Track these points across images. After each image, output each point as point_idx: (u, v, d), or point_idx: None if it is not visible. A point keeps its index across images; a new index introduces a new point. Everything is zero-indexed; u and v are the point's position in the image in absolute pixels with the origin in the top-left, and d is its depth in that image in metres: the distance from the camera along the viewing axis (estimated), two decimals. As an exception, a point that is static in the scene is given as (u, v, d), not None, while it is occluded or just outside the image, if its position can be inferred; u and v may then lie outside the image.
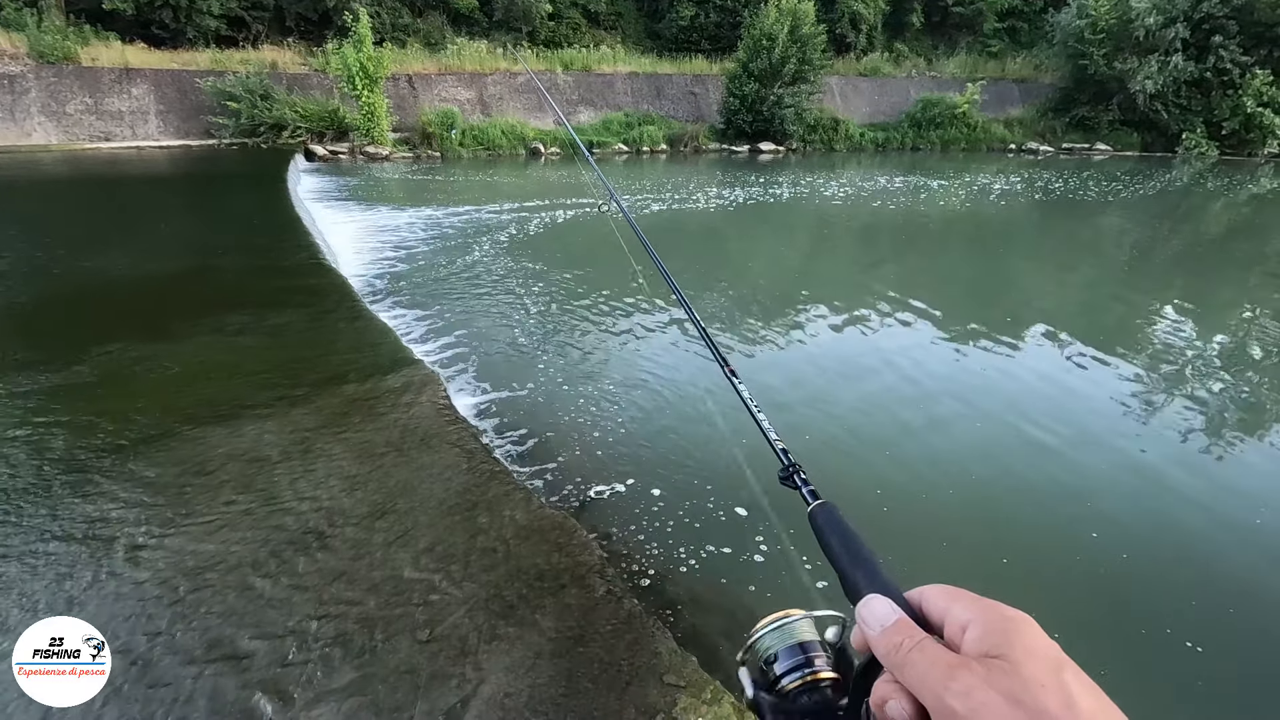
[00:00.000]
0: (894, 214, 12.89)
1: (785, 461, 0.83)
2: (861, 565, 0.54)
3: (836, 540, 0.59)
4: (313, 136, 19.30)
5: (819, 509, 0.65)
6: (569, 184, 15.70)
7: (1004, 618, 0.41)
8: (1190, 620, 2.74)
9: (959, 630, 0.42)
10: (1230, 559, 3.16)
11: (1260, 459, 4.14)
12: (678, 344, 5.61)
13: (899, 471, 3.79)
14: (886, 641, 0.44)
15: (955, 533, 3.27)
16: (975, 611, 0.42)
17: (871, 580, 0.51)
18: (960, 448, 4.09)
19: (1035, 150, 27.88)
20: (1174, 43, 25.74)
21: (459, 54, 22.97)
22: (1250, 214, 14.84)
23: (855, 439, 4.14)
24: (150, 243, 7.66)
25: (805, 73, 23.87)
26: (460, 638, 2.10)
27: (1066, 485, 3.72)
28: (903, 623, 0.45)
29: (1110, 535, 3.24)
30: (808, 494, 0.72)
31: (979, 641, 0.40)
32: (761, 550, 2.99)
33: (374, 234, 9.45)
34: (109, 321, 5.04)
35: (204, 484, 2.89)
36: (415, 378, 4.06)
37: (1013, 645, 0.39)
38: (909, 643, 0.43)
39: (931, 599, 0.46)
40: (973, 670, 0.38)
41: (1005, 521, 3.41)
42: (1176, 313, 6.93)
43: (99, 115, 18.30)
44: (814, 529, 0.63)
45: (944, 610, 0.44)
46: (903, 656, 0.43)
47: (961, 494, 3.59)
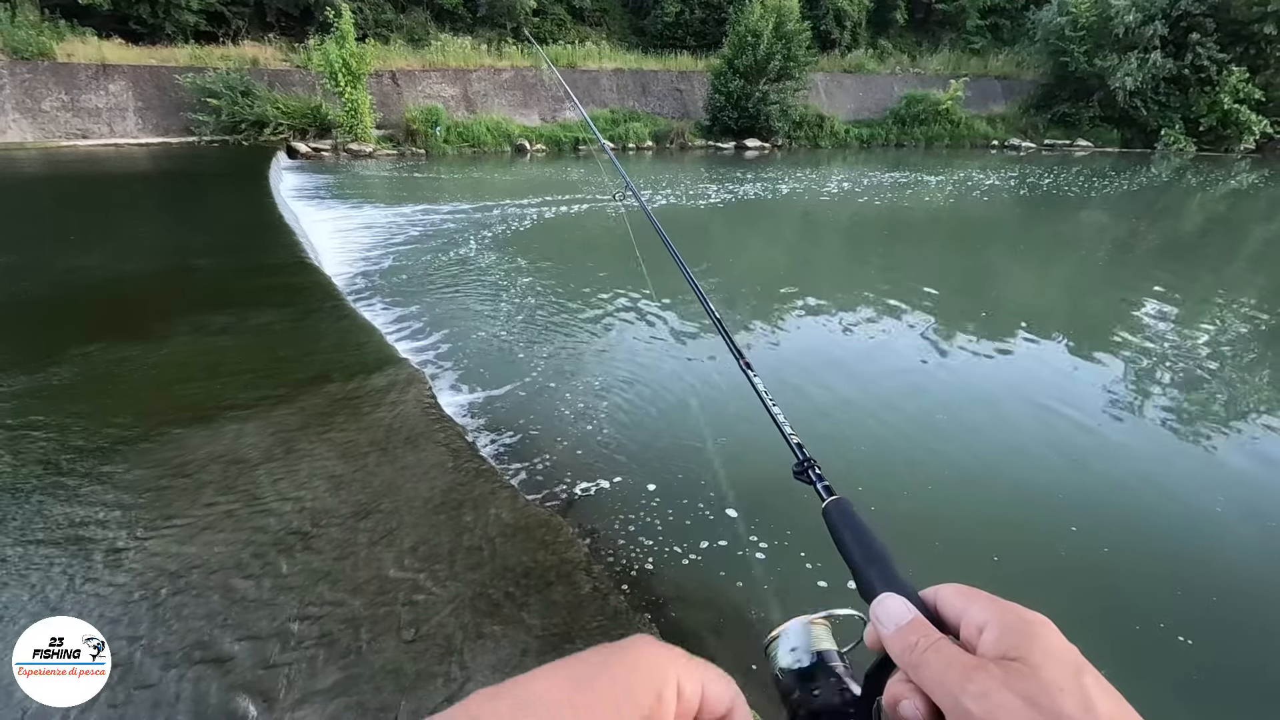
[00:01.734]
0: (881, 210, 12.97)
1: (800, 456, 0.81)
2: (876, 562, 0.53)
3: (850, 536, 0.58)
4: (295, 134, 19.08)
5: (833, 504, 0.64)
6: (556, 181, 15.65)
7: (1022, 619, 0.40)
8: (1188, 612, 2.78)
9: (975, 631, 0.42)
10: (1230, 554, 3.21)
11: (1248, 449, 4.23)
12: (665, 341, 5.61)
13: (886, 461, 3.83)
14: (901, 640, 0.44)
15: (946, 525, 3.30)
16: (993, 612, 0.41)
17: (886, 578, 0.51)
18: (946, 439, 4.12)
19: (1018, 146, 28.14)
20: (1153, 40, 26.08)
21: (443, 50, 22.79)
22: (1226, 210, 15.07)
23: (845, 432, 4.16)
24: (129, 242, 7.55)
25: (790, 69, 23.91)
26: (446, 637, 2.10)
27: (1058, 477, 3.77)
28: (918, 622, 0.44)
29: (1102, 528, 3.29)
30: (822, 489, 0.71)
31: (996, 643, 0.40)
32: (746, 545, 3.00)
33: (358, 232, 9.38)
34: (87, 322, 4.97)
35: (185, 485, 2.86)
36: (400, 376, 4.03)
37: (1031, 648, 0.38)
38: (924, 642, 0.42)
39: (947, 599, 0.45)
40: (990, 672, 0.38)
41: (994, 511, 3.45)
42: (1168, 306, 7.04)
43: (76, 112, 17.99)
44: (828, 525, 0.62)
45: (960, 610, 0.44)
46: (918, 656, 0.42)
47: (947, 484, 3.62)
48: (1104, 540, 3.19)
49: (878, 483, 3.61)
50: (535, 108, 23.75)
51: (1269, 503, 3.56)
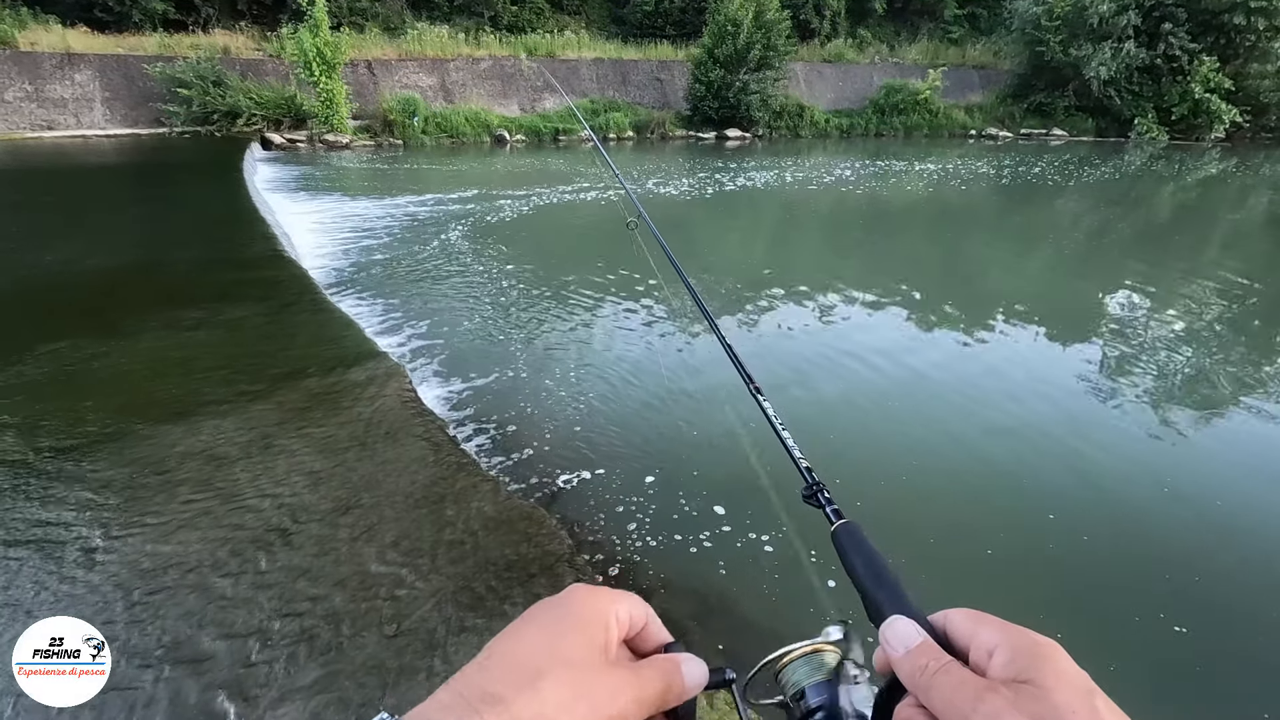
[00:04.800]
0: (862, 199, 13.04)
1: (809, 480, 0.81)
2: (885, 586, 0.53)
3: (860, 561, 0.58)
4: (269, 124, 18.71)
5: (842, 529, 0.64)
6: (536, 171, 15.53)
7: (1033, 643, 0.40)
8: (1185, 603, 2.85)
9: (985, 655, 0.41)
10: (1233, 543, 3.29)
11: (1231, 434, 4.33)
12: (647, 331, 5.61)
13: (873, 452, 3.87)
14: (911, 663, 0.43)
15: (936, 517, 3.34)
16: (1003, 636, 0.41)
17: (895, 602, 0.51)
18: (928, 428, 4.17)
19: (995, 136, 28.40)
20: (1126, 30, 26.40)
21: (419, 39, 22.44)
22: (1197, 198, 15.35)
23: (823, 420, 4.20)
24: (98, 236, 7.37)
25: (770, 59, 23.89)
26: (428, 631, 2.09)
27: (1048, 467, 3.83)
28: (927, 645, 0.44)
29: (1096, 520, 3.35)
30: (831, 513, 0.71)
31: (1007, 666, 0.39)
32: (727, 532, 3.02)
33: (336, 224, 9.24)
34: (55, 318, 4.85)
35: (160, 483, 2.81)
36: (380, 370, 4.00)
37: (1043, 671, 0.38)
38: (934, 665, 0.42)
39: (956, 623, 0.45)
40: (1001, 694, 0.37)
41: (987, 502, 3.50)
42: (1149, 291, 7.16)
43: (40, 103, 17.49)
44: (837, 549, 0.62)
45: (970, 634, 0.44)
46: (928, 679, 0.42)
47: (931, 476, 3.67)
48: (1082, 528, 3.25)
49: (867, 472, 3.66)
50: (514, 98, 23.51)
51: (1246, 481, 3.65)
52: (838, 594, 2.59)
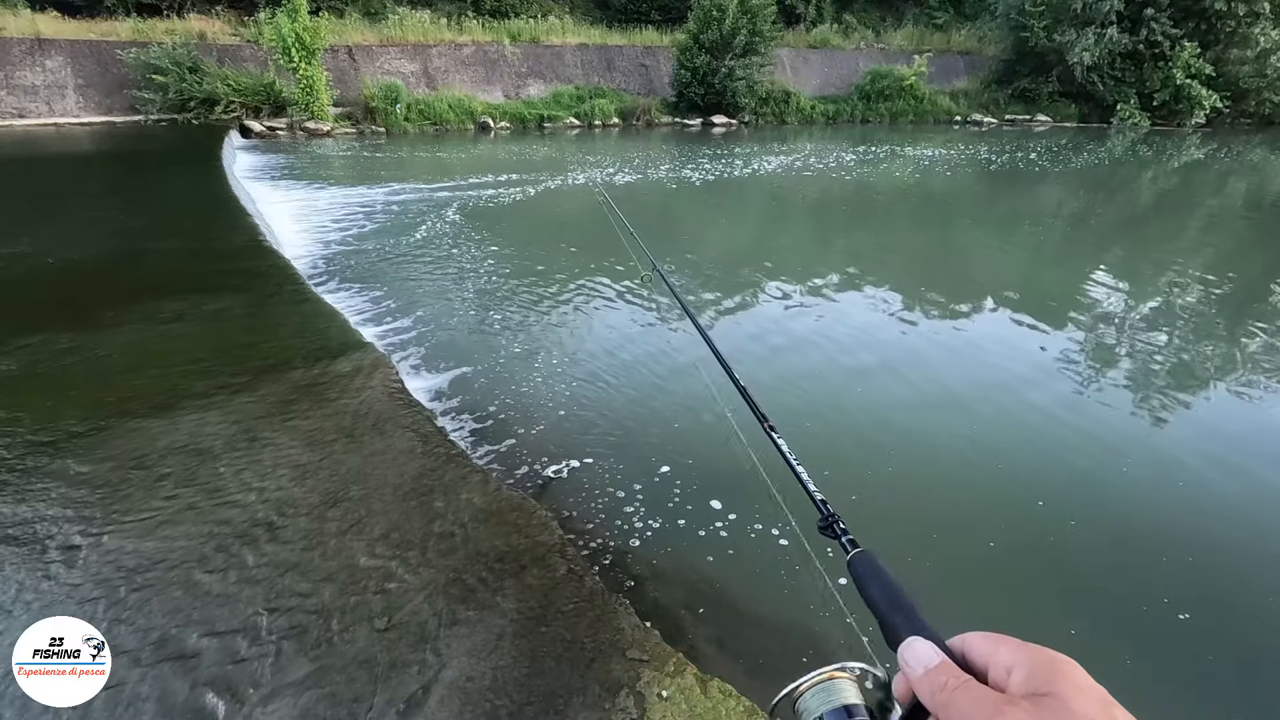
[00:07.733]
0: (849, 185, 13.04)
1: (824, 512, 0.83)
2: (902, 611, 0.54)
3: (876, 588, 0.60)
4: (248, 112, 18.39)
5: (858, 557, 0.65)
6: (522, 160, 15.38)
7: (1051, 659, 0.41)
8: (1184, 595, 2.88)
9: (1004, 673, 0.42)
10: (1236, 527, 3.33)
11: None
12: (635, 318, 5.58)
13: (863, 448, 3.88)
14: (930, 682, 0.44)
15: (937, 515, 3.36)
16: (1021, 655, 0.42)
17: (912, 625, 0.51)
18: (910, 419, 4.20)
19: (980, 122, 28.48)
20: (1109, 15, 26.51)
21: (401, 24, 22.09)
22: (1179, 183, 15.50)
23: (809, 409, 4.21)
24: (74, 227, 7.21)
25: (756, 44, 23.76)
26: (420, 624, 2.07)
27: (1034, 457, 3.86)
28: (946, 664, 0.45)
29: (1091, 512, 3.38)
30: (846, 543, 0.72)
31: (1026, 682, 0.40)
32: (719, 521, 3.02)
33: (318, 213, 9.10)
34: (30, 311, 4.74)
35: (142, 478, 2.76)
36: (366, 361, 3.95)
37: (1061, 684, 0.39)
38: (954, 682, 0.43)
39: (975, 645, 0.46)
40: (1021, 707, 0.38)
41: (984, 497, 3.53)
42: (1134, 275, 7.23)
43: (10, 90, 17.05)
44: (853, 577, 0.63)
45: (988, 655, 0.44)
46: (948, 696, 0.42)
47: (917, 461, 3.69)
48: (1069, 514, 3.28)
49: (861, 467, 3.67)
50: (498, 84, 23.23)
51: (1244, 464, 3.71)
52: (837, 588, 2.60)
